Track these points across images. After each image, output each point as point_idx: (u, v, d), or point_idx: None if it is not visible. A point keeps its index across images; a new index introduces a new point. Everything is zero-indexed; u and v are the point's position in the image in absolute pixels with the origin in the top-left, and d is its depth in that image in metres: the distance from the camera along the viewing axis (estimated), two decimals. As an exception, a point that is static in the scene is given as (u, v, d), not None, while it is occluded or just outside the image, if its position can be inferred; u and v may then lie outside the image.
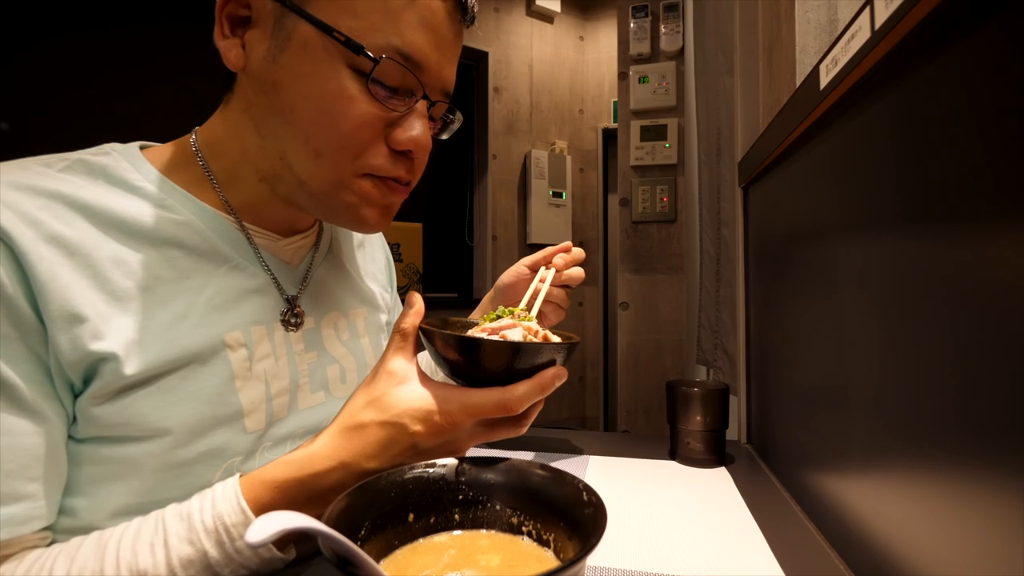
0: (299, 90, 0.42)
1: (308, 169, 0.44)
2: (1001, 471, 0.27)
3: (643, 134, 1.98)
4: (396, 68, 0.42)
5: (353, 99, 0.42)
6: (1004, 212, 0.26)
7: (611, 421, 3.19)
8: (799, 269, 0.60)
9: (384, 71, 0.42)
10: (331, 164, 0.44)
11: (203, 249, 0.46)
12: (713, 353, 1.27)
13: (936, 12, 0.31)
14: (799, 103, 0.54)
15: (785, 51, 0.78)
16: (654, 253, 1.97)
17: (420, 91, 0.44)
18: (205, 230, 0.46)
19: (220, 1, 0.43)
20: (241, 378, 0.45)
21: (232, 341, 0.45)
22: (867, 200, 0.42)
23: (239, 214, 0.49)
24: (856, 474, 0.45)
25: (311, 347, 0.52)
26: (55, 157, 0.44)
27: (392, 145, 0.45)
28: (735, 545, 0.50)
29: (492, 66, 2.85)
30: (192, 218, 0.46)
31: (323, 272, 0.57)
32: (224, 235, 0.47)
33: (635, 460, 0.74)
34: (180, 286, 0.43)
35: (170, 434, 0.40)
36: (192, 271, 0.45)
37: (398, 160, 0.46)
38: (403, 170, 0.46)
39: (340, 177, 0.44)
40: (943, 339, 0.32)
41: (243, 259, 0.48)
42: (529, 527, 0.36)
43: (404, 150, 0.45)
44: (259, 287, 0.49)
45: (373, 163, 0.45)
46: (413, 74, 0.43)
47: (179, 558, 0.35)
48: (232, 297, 0.46)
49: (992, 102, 0.27)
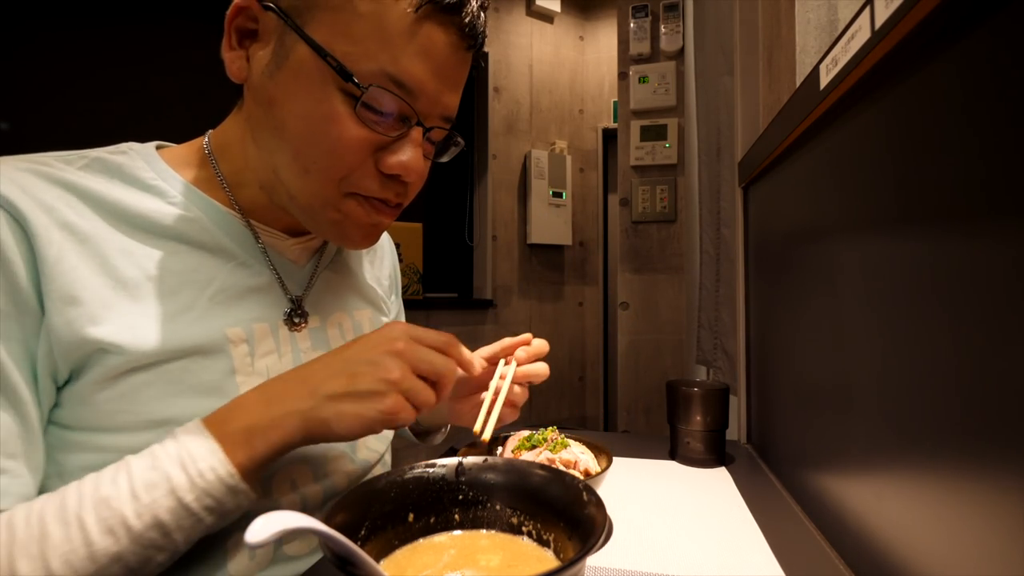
0: (291, 109, 0.43)
1: (296, 185, 0.45)
2: (1001, 471, 0.27)
3: (643, 134, 1.98)
4: (388, 95, 0.42)
5: (341, 122, 0.42)
6: (1004, 212, 0.26)
7: (611, 421, 3.19)
8: (799, 269, 0.60)
9: (375, 97, 0.42)
10: (318, 182, 0.44)
11: (210, 245, 0.47)
12: (713, 353, 1.27)
13: (936, 12, 0.31)
14: (799, 103, 0.54)
15: (785, 51, 0.78)
16: (654, 253, 1.97)
17: (414, 118, 0.44)
18: (213, 227, 0.47)
19: (231, 14, 0.44)
20: (242, 373, 0.46)
21: (234, 336, 0.46)
22: (867, 200, 0.42)
23: (247, 214, 0.50)
24: (856, 474, 0.45)
25: (317, 346, 0.53)
26: (75, 154, 0.45)
27: (382, 168, 0.45)
28: (735, 545, 0.49)
29: (492, 66, 2.85)
30: (201, 215, 0.47)
31: (329, 273, 0.57)
32: (232, 233, 0.48)
33: (635, 460, 0.74)
34: (186, 279, 0.44)
35: (169, 424, 0.40)
36: (199, 266, 0.46)
37: (387, 183, 0.46)
38: (391, 193, 0.47)
39: (327, 195, 0.45)
40: (943, 338, 0.32)
41: (250, 257, 0.49)
42: (529, 527, 0.37)
43: (393, 174, 0.45)
44: (264, 285, 0.49)
45: (361, 184, 0.45)
46: (406, 101, 0.43)
47: (142, 482, 0.35)
48: (236, 293, 0.47)
49: (992, 102, 0.27)
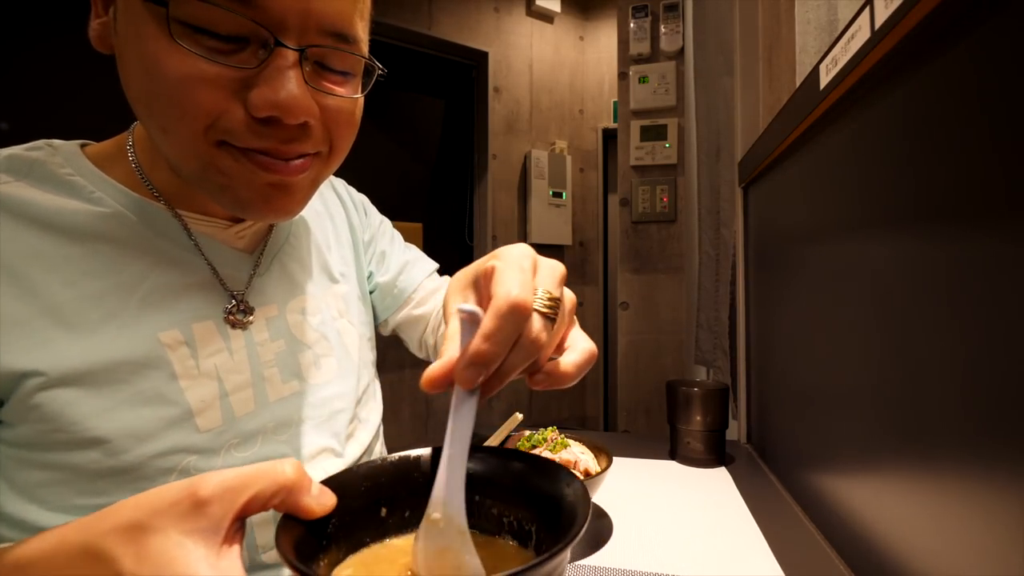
0: (128, 58, 0.36)
1: (166, 148, 0.38)
2: (1001, 471, 0.27)
3: (643, 134, 1.98)
4: (214, 9, 0.33)
5: (166, 55, 0.34)
6: (1004, 211, 0.26)
7: (611, 421, 3.19)
8: (799, 269, 0.60)
9: (198, 14, 0.33)
10: (179, 139, 0.37)
11: (136, 243, 0.42)
12: (712, 353, 1.27)
13: (936, 12, 0.31)
14: (799, 103, 0.54)
15: (785, 51, 0.78)
16: (654, 253, 1.97)
17: (270, 37, 0.35)
18: (138, 223, 0.42)
19: None
20: (186, 377, 0.42)
21: (169, 340, 0.42)
22: (866, 200, 0.42)
23: (176, 205, 0.45)
24: (856, 474, 0.45)
25: (277, 335, 0.49)
26: None
27: (251, 111, 0.36)
28: (735, 545, 0.49)
29: (492, 66, 2.85)
30: (123, 211, 0.42)
31: (285, 255, 0.52)
32: (161, 228, 0.44)
33: (635, 460, 0.74)
34: (110, 282, 0.40)
35: (108, 441, 0.38)
36: (123, 266, 0.41)
37: (263, 130, 0.37)
38: (275, 141, 0.38)
39: (196, 152, 0.37)
40: (943, 339, 0.32)
41: (183, 252, 0.44)
42: (510, 518, 0.35)
43: (267, 116, 0.36)
44: (201, 282, 0.45)
45: (228, 130, 0.36)
46: (240, 14, 0.34)
47: None
48: (170, 293, 0.43)
49: (992, 102, 0.27)
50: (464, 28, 2.72)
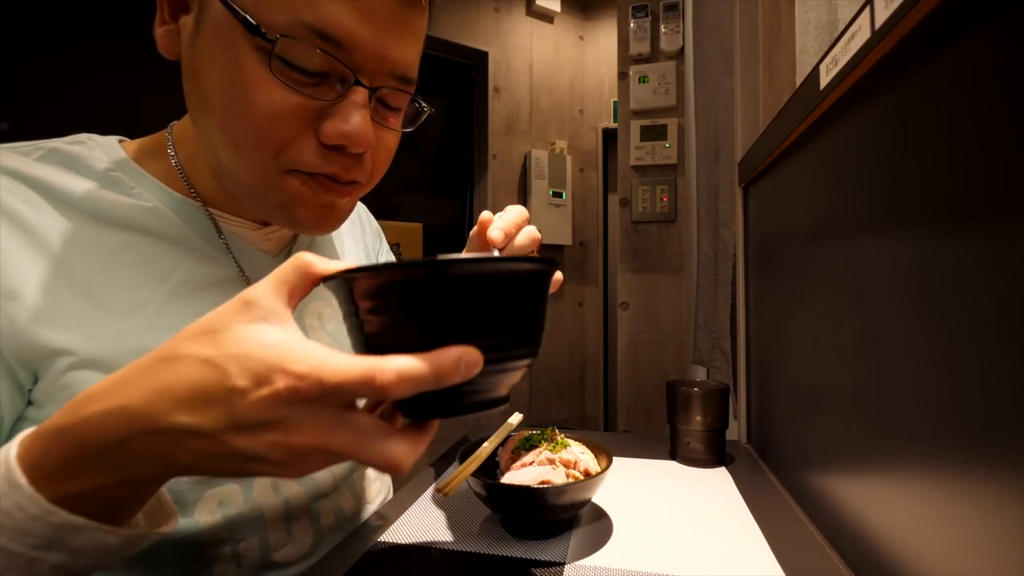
0: (212, 77, 0.39)
1: (233, 164, 0.41)
2: (1001, 470, 0.27)
3: (643, 134, 1.98)
4: (306, 48, 0.37)
5: (259, 85, 0.37)
6: (1004, 212, 0.26)
7: (611, 421, 3.19)
8: (799, 269, 0.60)
9: (290, 51, 0.37)
10: (252, 159, 0.40)
11: (171, 236, 0.44)
12: (711, 353, 1.27)
13: (936, 12, 0.31)
14: (799, 103, 0.54)
15: (785, 51, 0.78)
16: (654, 253, 1.97)
17: (351, 76, 0.39)
18: (175, 218, 0.45)
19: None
20: None
21: None
22: (867, 200, 0.42)
23: (210, 205, 0.47)
24: (856, 474, 0.45)
25: None
26: (31, 145, 0.43)
27: (322, 139, 0.40)
28: (735, 545, 0.49)
29: (492, 66, 2.85)
30: (161, 206, 0.44)
31: None
32: (194, 224, 0.46)
33: (635, 460, 0.74)
34: (144, 272, 0.42)
35: None
36: (157, 257, 0.43)
37: (331, 156, 0.41)
38: (338, 167, 0.41)
39: (264, 173, 0.40)
40: (943, 338, 0.32)
41: (213, 249, 0.47)
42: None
43: (334, 145, 0.40)
44: (228, 279, 0.47)
45: (299, 158, 0.40)
46: (333, 56, 0.37)
47: None
48: (197, 288, 0.45)
49: (992, 102, 0.27)
50: (464, 28, 2.72)
